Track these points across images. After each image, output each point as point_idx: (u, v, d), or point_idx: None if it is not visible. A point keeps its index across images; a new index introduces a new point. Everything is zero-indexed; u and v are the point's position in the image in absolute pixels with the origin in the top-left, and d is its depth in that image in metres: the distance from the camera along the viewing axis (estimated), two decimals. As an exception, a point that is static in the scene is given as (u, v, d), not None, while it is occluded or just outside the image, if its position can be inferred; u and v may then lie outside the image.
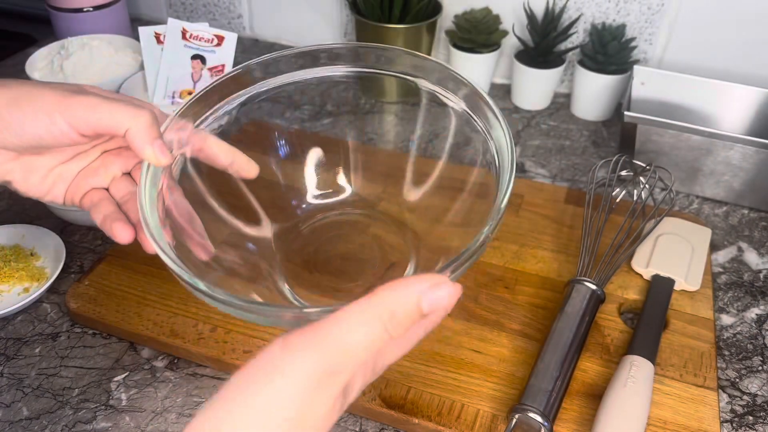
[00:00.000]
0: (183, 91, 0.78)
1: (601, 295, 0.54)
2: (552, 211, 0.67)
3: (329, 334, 0.27)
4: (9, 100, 0.40)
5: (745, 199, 0.72)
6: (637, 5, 0.82)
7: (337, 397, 0.27)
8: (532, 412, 0.45)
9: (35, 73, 0.78)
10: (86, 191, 0.45)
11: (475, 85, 0.47)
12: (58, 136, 0.40)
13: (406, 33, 0.82)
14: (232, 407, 0.26)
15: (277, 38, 1.03)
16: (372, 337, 0.28)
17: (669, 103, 0.78)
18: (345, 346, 0.27)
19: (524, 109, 0.88)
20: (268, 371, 0.27)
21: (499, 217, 0.39)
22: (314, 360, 0.27)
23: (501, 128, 0.44)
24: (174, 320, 0.54)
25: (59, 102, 0.40)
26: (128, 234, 0.43)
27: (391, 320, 0.28)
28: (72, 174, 0.45)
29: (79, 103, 0.40)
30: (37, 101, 0.40)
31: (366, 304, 0.28)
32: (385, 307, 0.28)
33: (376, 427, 0.50)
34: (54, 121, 0.40)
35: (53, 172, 0.44)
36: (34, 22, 1.03)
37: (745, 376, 0.54)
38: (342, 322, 0.28)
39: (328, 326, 0.27)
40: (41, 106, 0.40)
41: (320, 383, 0.27)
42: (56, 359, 0.53)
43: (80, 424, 0.49)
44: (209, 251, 0.46)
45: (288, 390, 0.26)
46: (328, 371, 0.27)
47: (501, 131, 0.44)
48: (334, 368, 0.27)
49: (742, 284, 0.63)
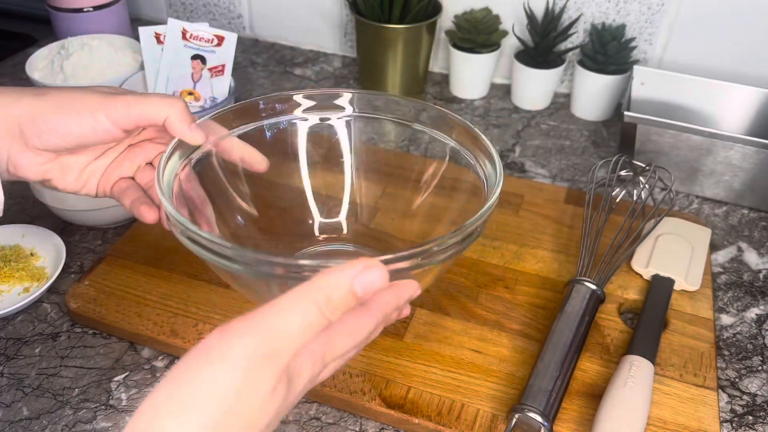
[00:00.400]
0: (183, 91, 0.78)
1: (601, 295, 0.54)
2: (552, 211, 0.67)
3: (266, 319, 0.28)
4: (53, 106, 0.43)
5: (745, 199, 0.72)
6: (637, 5, 0.82)
7: (278, 381, 0.28)
8: (532, 412, 0.45)
9: (35, 73, 0.78)
10: (115, 181, 0.49)
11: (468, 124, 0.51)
12: (101, 134, 0.45)
13: (406, 33, 0.82)
14: (171, 392, 0.27)
15: (277, 38, 1.03)
16: (308, 320, 0.29)
17: (669, 103, 0.78)
18: (281, 330, 0.28)
19: (524, 109, 0.88)
20: (205, 356, 0.28)
21: (460, 235, 0.42)
22: (250, 343, 0.28)
23: (495, 165, 0.47)
24: (174, 320, 0.54)
25: (102, 103, 0.44)
26: (153, 214, 0.47)
27: (327, 304, 0.29)
28: (103, 168, 0.49)
29: (119, 101, 0.44)
30: (81, 104, 0.44)
31: (302, 290, 0.29)
32: (320, 291, 0.29)
33: (376, 427, 0.50)
34: (98, 121, 0.44)
35: (87, 168, 0.48)
36: (34, 22, 1.03)
37: (745, 376, 0.54)
38: (278, 307, 0.29)
39: (265, 312, 0.29)
40: (85, 108, 0.44)
41: (256, 365, 0.28)
42: (56, 359, 0.53)
43: (80, 424, 0.49)
44: (215, 233, 0.50)
45: (224, 373, 0.27)
46: (264, 354, 0.28)
47: (493, 168, 0.47)
48: (270, 351, 0.28)
49: (741, 284, 0.63)
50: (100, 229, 0.66)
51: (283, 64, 0.97)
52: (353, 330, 0.32)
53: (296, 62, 0.98)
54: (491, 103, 0.90)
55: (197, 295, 0.57)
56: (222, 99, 0.77)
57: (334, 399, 0.50)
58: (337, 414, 0.50)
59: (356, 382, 0.50)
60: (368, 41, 0.85)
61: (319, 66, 0.97)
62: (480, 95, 0.91)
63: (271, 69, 0.96)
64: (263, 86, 0.92)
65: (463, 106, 0.89)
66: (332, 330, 0.31)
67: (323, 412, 0.50)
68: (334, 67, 0.97)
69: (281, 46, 1.02)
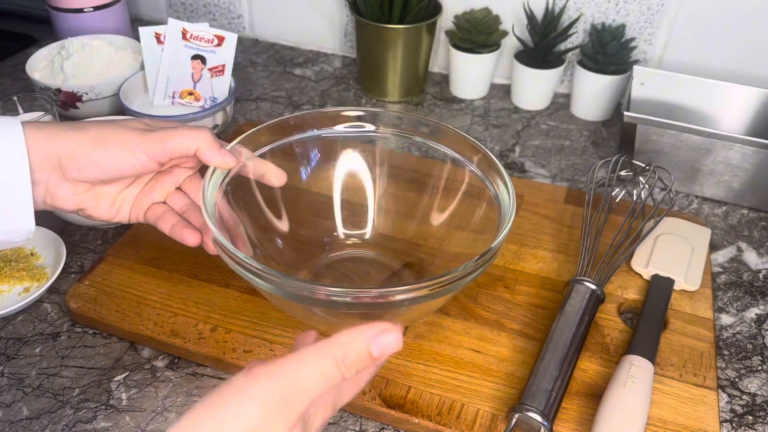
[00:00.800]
0: (183, 91, 0.78)
1: (601, 294, 0.54)
2: (552, 211, 0.67)
3: (288, 368, 0.31)
4: (93, 141, 0.46)
5: (745, 199, 0.72)
6: (636, 5, 0.82)
7: (293, 426, 0.31)
8: (531, 412, 0.46)
9: (35, 73, 0.78)
10: (147, 207, 0.52)
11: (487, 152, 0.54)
12: (138, 167, 0.48)
13: (406, 33, 0.82)
14: (197, 422, 0.30)
15: (277, 38, 1.03)
16: (325, 373, 0.32)
17: (668, 103, 0.78)
18: (301, 381, 0.31)
19: (524, 109, 0.89)
20: (231, 393, 0.31)
21: (489, 255, 0.45)
22: (272, 388, 0.31)
23: (507, 189, 0.50)
24: (174, 320, 0.54)
25: (139, 140, 0.47)
26: (197, 237, 0.51)
27: (344, 361, 0.32)
28: (134, 195, 0.52)
29: (154, 138, 0.47)
30: (119, 140, 0.47)
31: (323, 346, 0.33)
32: (339, 350, 0.32)
33: (377, 426, 0.50)
34: (136, 156, 0.47)
35: (119, 196, 0.51)
36: (34, 22, 1.03)
37: (745, 376, 0.54)
38: (301, 359, 0.32)
39: (289, 362, 0.32)
40: (124, 145, 0.47)
41: (277, 410, 0.31)
42: (56, 359, 0.53)
43: (80, 423, 0.49)
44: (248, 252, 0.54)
45: (247, 411, 0.30)
46: (284, 400, 0.31)
47: (506, 191, 0.50)
48: (289, 398, 0.31)
49: (741, 284, 0.63)
50: (101, 229, 0.66)
51: (283, 65, 0.97)
52: (362, 379, 0.36)
53: (296, 62, 0.98)
54: (491, 104, 0.90)
55: (197, 295, 0.57)
56: (222, 99, 0.77)
57: (334, 399, 0.50)
58: (337, 414, 0.50)
59: (356, 382, 0.50)
60: (368, 41, 0.85)
61: (319, 66, 0.97)
62: (480, 95, 0.91)
63: (271, 69, 0.96)
64: (263, 86, 0.92)
65: (463, 106, 0.89)
66: (343, 381, 0.33)
67: (323, 411, 0.50)
68: (334, 67, 0.97)
69: (281, 47, 1.02)
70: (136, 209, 0.52)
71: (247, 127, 0.78)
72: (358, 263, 0.60)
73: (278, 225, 0.58)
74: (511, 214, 0.48)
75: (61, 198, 0.48)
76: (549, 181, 0.75)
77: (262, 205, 0.57)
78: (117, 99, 0.76)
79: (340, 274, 0.59)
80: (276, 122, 0.57)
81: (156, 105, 0.78)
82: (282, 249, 0.58)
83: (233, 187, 0.53)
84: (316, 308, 0.47)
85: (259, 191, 0.56)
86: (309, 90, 0.92)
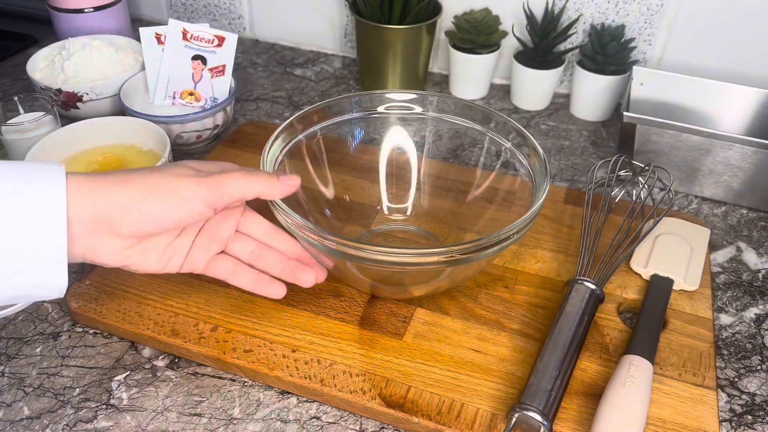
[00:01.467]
0: (184, 91, 0.78)
1: (601, 294, 0.54)
2: (551, 211, 0.67)
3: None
4: (144, 193, 0.44)
5: (744, 199, 0.72)
6: (636, 6, 0.82)
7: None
8: (531, 411, 0.46)
9: (36, 73, 0.78)
10: (208, 259, 0.51)
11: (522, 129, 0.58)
12: (195, 215, 0.46)
13: (406, 34, 0.82)
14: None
15: (278, 39, 1.03)
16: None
17: (668, 103, 0.78)
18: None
19: (524, 109, 0.89)
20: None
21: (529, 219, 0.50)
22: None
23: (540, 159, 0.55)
24: (175, 320, 0.55)
25: (193, 187, 0.45)
26: (284, 291, 0.52)
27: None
28: (187, 245, 0.50)
29: (209, 183, 0.46)
30: (171, 189, 0.45)
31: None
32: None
33: (376, 426, 0.50)
34: (193, 205, 0.45)
35: (170, 247, 0.48)
36: (34, 22, 1.03)
37: (744, 376, 0.54)
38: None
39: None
40: (179, 194, 0.45)
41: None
42: (57, 359, 0.53)
43: (81, 423, 0.49)
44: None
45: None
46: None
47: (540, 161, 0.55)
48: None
49: (740, 284, 0.63)
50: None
51: (283, 65, 0.97)
52: None
53: (296, 63, 0.98)
54: (491, 104, 0.90)
55: (198, 294, 0.57)
56: (222, 99, 0.77)
57: (334, 398, 0.50)
58: (337, 413, 0.50)
59: (356, 382, 0.50)
60: (368, 42, 0.85)
61: (320, 66, 0.97)
62: (480, 95, 0.91)
63: (272, 69, 0.96)
64: (263, 86, 0.92)
65: (463, 106, 0.89)
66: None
67: (323, 411, 0.51)
68: (334, 67, 0.97)
69: (281, 47, 1.02)
70: (193, 260, 0.50)
71: (247, 128, 0.79)
72: (400, 236, 0.65)
73: (326, 192, 0.63)
74: (546, 185, 0.52)
75: (106, 254, 0.45)
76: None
77: (314, 176, 0.61)
78: (117, 99, 0.76)
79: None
80: (325, 103, 0.61)
81: (156, 105, 0.78)
82: (330, 219, 0.62)
83: (289, 157, 0.57)
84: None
85: (311, 163, 0.60)
86: (309, 90, 0.92)
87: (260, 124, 0.80)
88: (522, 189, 0.57)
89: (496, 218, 0.60)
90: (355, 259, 0.48)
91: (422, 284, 0.55)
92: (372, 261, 0.47)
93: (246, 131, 0.78)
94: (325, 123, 0.61)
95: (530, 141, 0.56)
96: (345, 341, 0.53)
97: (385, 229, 0.65)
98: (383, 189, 0.66)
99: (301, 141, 0.59)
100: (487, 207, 0.62)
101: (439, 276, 0.53)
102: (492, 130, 0.60)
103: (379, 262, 0.47)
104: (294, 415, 0.50)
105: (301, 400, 0.51)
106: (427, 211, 0.65)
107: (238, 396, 0.51)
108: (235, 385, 0.52)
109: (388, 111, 0.63)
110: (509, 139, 0.59)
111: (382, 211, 0.66)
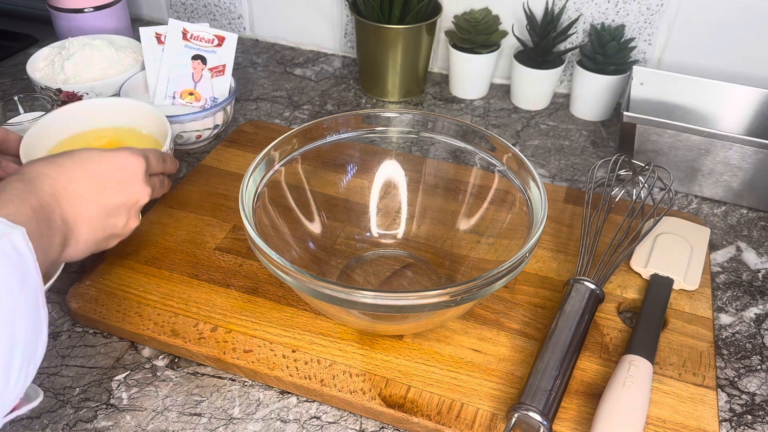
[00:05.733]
0: (184, 91, 0.78)
1: (600, 294, 0.54)
2: (551, 211, 0.67)
3: None
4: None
5: (744, 198, 0.72)
6: (636, 6, 0.82)
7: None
8: (531, 411, 0.46)
9: (36, 73, 0.78)
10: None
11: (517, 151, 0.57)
12: None
13: (406, 33, 0.82)
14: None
15: (278, 39, 1.03)
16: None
17: (668, 103, 0.78)
18: None
19: (523, 109, 0.89)
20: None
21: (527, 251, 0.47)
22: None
23: (537, 188, 0.52)
24: (175, 320, 0.55)
25: None
26: None
27: None
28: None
29: None
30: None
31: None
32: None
33: (376, 426, 0.50)
34: None
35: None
36: (34, 22, 1.04)
37: (744, 376, 0.54)
38: None
39: None
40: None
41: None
42: (57, 358, 0.53)
43: (81, 423, 0.49)
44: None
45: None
46: None
47: (537, 191, 0.52)
48: None
49: (740, 284, 0.63)
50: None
51: (283, 65, 0.97)
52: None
53: (296, 62, 0.98)
54: (491, 104, 0.90)
55: (198, 295, 0.57)
56: (222, 99, 0.77)
57: (334, 398, 0.50)
58: (337, 413, 0.50)
59: (356, 382, 0.50)
60: (368, 41, 0.85)
61: (320, 66, 0.97)
62: (479, 95, 0.91)
63: (272, 69, 0.96)
64: (263, 86, 0.92)
65: (463, 106, 0.89)
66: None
67: (323, 411, 0.51)
68: (334, 67, 0.97)
69: (281, 47, 1.02)
70: None
71: (247, 127, 0.79)
72: (389, 261, 0.62)
73: (311, 227, 0.60)
74: (543, 219, 0.49)
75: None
76: (548, 180, 0.76)
77: (294, 207, 0.59)
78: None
79: (369, 271, 0.61)
80: (313, 124, 0.58)
81: (156, 105, 0.78)
82: (314, 250, 0.60)
83: (269, 188, 0.55)
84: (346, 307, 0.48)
85: (290, 193, 0.58)
86: (309, 90, 0.92)
87: (260, 124, 0.80)
88: (520, 221, 0.55)
89: (488, 251, 0.58)
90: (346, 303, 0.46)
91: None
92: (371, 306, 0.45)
93: (246, 131, 0.78)
94: (305, 148, 0.58)
95: (528, 168, 0.55)
96: (345, 341, 0.53)
97: (373, 255, 0.62)
98: (373, 211, 0.63)
99: (279, 171, 0.56)
100: (479, 239, 0.60)
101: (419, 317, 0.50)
102: (487, 151, 0.58)
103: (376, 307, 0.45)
104: (294, 415, 0.50)
105: (301, 400, 0.51)
106: (416, 235, 0.63)
107: (238, 396, 0.51)
108: (235, 385, 0.52)
109: (378, 134, 0.60)
110: (504, 161, 0.57)
111: (372, 235, 0.63)
